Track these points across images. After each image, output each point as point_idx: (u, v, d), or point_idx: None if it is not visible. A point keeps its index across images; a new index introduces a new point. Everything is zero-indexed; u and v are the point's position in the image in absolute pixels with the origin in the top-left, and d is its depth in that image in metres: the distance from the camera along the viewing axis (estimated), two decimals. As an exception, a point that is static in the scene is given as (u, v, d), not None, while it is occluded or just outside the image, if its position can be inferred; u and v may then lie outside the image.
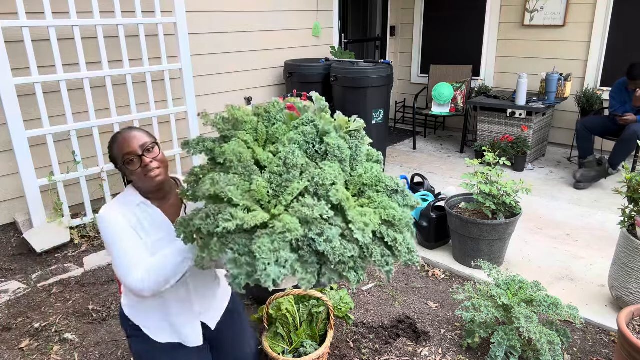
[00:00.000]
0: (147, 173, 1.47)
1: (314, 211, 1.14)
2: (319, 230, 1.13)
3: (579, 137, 4.53)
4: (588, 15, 5.01)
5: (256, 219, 1.12)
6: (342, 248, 1.14)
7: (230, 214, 1.13)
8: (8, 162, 3.35)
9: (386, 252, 1.22)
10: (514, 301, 2.22)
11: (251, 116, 1.45)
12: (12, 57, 3.05)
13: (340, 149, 1.31)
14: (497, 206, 2.91)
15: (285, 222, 1.11)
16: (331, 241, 1.13)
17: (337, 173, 1.24)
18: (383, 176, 1.34)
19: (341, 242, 1.15)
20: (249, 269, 1.09)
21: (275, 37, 4.93)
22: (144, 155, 1.47)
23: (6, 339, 2.48)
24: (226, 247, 1.12)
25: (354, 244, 1.16)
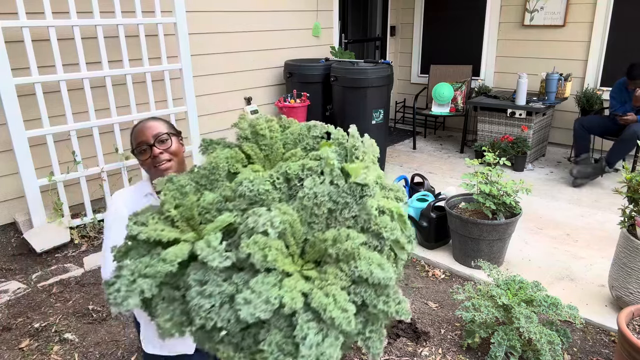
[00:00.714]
0: (156, 164, 1.45)
1: (205, 254, 0.89)
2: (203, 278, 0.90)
3: (576, 136, 4.54)
4: (588, 15, 5.01)
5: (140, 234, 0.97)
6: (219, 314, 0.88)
7: (149, 219, 0.99)
8: (8, 162, 3.35)
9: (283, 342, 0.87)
10: (514, 301, 2.22)
11: (275, 132, 1.17)
12: (12, 57, 3.05)
13: (315, 196, 0.96)
14: (497, 206, 2.91)
15: (177, 249, 0.93)
16: (209, 296, 0.87)
17: (279, 220, 0.92)
18: (362, 255, 0.92)
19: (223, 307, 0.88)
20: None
21: (275, 37, 4.93)
22: (154, 145, 1.45)
23: (6, 339, 2.48)
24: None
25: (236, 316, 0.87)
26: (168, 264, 0.90)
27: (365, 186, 0.99)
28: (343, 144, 1.12)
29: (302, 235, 0.96)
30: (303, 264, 0.96)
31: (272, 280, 0.87)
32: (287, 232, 0.93)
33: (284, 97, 4.76)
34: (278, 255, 0.90)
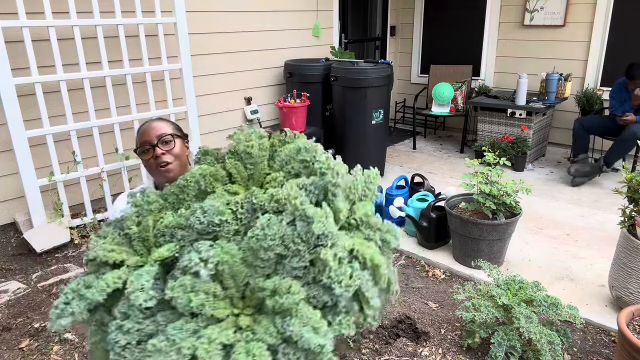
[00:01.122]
0: (158, 165, 1.44)
1: (132, 289, 0.86)
2: (126, 311, 0.87)
3: (575, 136, 4.54)
4: (588, 15, 5.01)
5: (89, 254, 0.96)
6: (132, 354, 0.85)
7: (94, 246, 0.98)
8: (8, 162, 3.35)
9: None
10: (514, 301, 2.22)
11: (263, 150, 1.09)
12: (12, 57, 3.05)
13: (265, 238, 0.87)
14: (497, 206, 2.91)
15: (116, 275, 0.90)
16: (127, 332, 0.86)
17: (216, 260, 0.86)
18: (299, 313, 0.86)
19: (138, 347, 0.85)
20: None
21: (275, 37, 4.93)
22: (157, 145, 1.44)
23: (6, 339, 2.48)
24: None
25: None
26: (97, 294, 0.86)
27: (323, 235, 0.87)
28: (324, 176, 0.97)
29: (245, 277, 0.88)
30: (243, 307, 0.89)
31: (193, 326, 0.82)
32: (224, 274, 0.87)
33: (284, 97, 4.76)
34: (207, 300, 0.84)
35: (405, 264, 3.19)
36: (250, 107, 4.83)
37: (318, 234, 0.86)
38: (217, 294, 0.87)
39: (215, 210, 0.91)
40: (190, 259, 0.85)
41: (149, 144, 1.44)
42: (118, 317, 0.86)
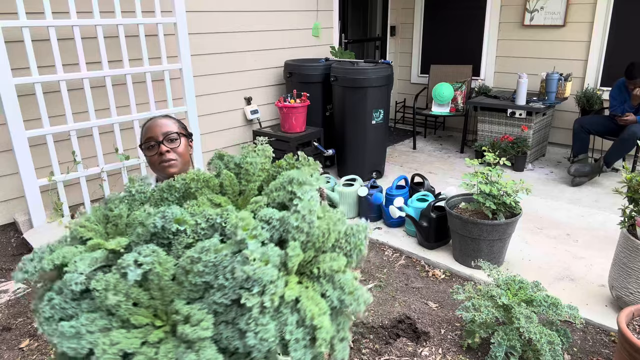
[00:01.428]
0: (162, 161, 1.45)
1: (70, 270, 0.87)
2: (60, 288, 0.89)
3: (575, 136, 4.54)
4: (588, 15, 5.01)
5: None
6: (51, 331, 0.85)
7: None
8: (8, 162, 3.35)
9: None
10: (514, 301, 2.22)
11: (263, 172, 1.08)
12: (12, 57, 3.05)
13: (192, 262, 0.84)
14: (497, 206, 2.91)
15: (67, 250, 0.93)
16: (52, 308, 0.87)
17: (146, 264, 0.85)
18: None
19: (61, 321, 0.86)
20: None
21: (275, 37, 4.93)
22: (162, 142, 1.45)
23: (6, 339, 2.48)
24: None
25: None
26: (46, 263, 0.89)
27: (250, 279, 0.79)
28: (289, 216, 0.90)
29: (172, 294, 0.86)
30: (165, 323, 0.87)
31: (104, 323, 0.83)
32: (152, 284, 0.85)
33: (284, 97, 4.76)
34: (124, 303, 0.83)
35: (405, 264, 3.19)
36: (250, 107, 4.83)
37: (246, 276, 0.79)
38: (139, 300, 0.85)
39: (175, 218, 0.89)
40: (125, 259, 0.84)
41: (154, 140, 1.45)
42: (54, 290, 0.87)
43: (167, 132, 1.47)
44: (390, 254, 3.31)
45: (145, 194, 1.02)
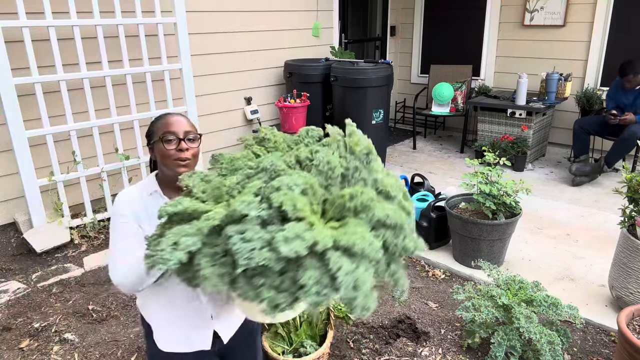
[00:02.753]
0: (178, 158, 1.44)
1: (241, 206, 0.98)
2: (241, 229, 0.97)
3: (575, 137, 4.54)
4: (588, 15, 5.01)
5: (176, 207, 1.07)
6: (256, 253, 0.93)
7: (177, 202, 1.08)
8: (8, 162, 3.35)
9: (326, 281, 0.95)
10: (514, 301, 2.22)
11: (277, 136, 1.33)
12: (12, 57, 3.05)
13: (328, 163, 1.09)
14: (497, 206, 2.91)
15: (210, 213, 1.02)
16: (249, 241, 0.95)
17: (302, 181, 1.01)
18: (377, 206, 1.03)
19: (263, 249, 0.94)
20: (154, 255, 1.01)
21: (275, 37, 4.93)
22: (184, 140, 1.45)
23: (6, 339, 2.48)
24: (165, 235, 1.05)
25: (274, 253, 0.94)
26: (210, 221, 0.99)
27: (370, 153, 1.13)
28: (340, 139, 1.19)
29: (322, 196, 1.05)
30: (325, 221, 1.03)
31: (303, 226, 0.95)
32: (308, 192, 1.02)
33: (284, 97, 4.76)
34: (305, 205, 0.99)
35: (405, 264, 3.18)
36: (250, 107, 4.83)
37: (367, 151, 1.13)
38: (311, 203, 1.02)
39: (278, 159, 1.12)
40: (281, 180, 1.01)
41: (175, 135, 1.44)
42: (235, 235, 0.96)
43: (189, 132, 1.46)
44: (390, 254, 3.31)
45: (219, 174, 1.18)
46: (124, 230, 1.43)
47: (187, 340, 1.55)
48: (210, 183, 1.13)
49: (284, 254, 0.91)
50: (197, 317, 1.53)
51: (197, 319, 1.53)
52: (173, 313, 1.52)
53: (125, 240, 1.42)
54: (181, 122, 1.47)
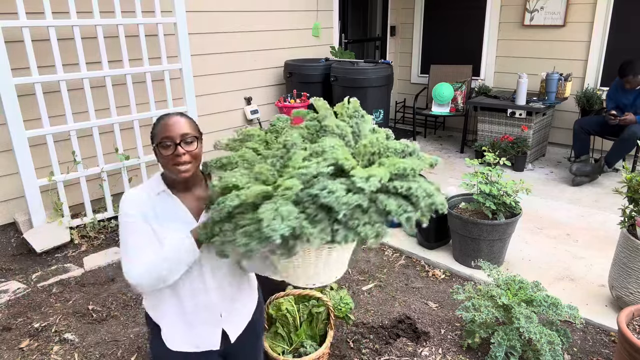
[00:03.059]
0: (177, 163, 1.43)
1: (312, 169, 1.15)
2: (321, 186, 1.13)
3: (575, 137, 4.54)
4: (588, 15, 5.01)
5: (254, 190, 1.17)
6: (348, 198, 1.12)
7: (235, 194, 1.18)
8: (8, 162, 3.35)
9: (403, 202, 1.20)
10: (514, 301, 2.22)
11: (259, 131, 1.53)
12: (12, 57, 3.05)
13: (338, 127, 1.34)
14: (497, 206, 2.91)
15: (285, 184, 1.14)
16: (334, 192, 1.12)
17: (336, 142, 1.25)
18: (391, 143, 1.32)
19: (347, 194, 1.13)
20: (257, 234, 1.11)
21: (275, 37, 4.93)
22: (180, 144, 1.43)
23: (6, 339, 2.48)
24: (237, 224, 1.17)
25: (360, 194, 1.15)
26: (290, 191, 1.14)
27: (358, 110, 1.47)
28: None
29: (346, 150, 1.28)
30: (363, 167, 1.25)
31: (362, 170, 1.20)
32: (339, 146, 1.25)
33: (284, 97, 4.76)
34: (351, 158, 1.23)
35: (405, 264, 3.18)
36: (250, 107, 4.83)
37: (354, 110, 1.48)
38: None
39: (298, 139, 1.34)
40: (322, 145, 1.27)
41: (171, 140, 1.43)
42: (320, 193, 1.13)
43: (185, 134, 1.44)
44: (390, 254, 3.31)
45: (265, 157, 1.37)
46: (132, 228, 1.43)
47: (196, 339, 1.55)
48: (253, 170, 1.27)
49: (367, 189, 1.13)
50: (207, 316, 1.54)
51: (207, 317, 1.54)
52: (183, 312, 1.52)
53: (135, 238, 1.43)
54: (179, 124, 1.45)
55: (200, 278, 1.49)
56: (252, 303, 1.69)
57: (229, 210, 1.17)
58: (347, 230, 1.16)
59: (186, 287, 1.48)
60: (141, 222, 1.43)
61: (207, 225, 1.27)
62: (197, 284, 1.50)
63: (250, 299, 1.68)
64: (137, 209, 1.44)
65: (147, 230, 1.43)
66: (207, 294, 1.52)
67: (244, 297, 1.64)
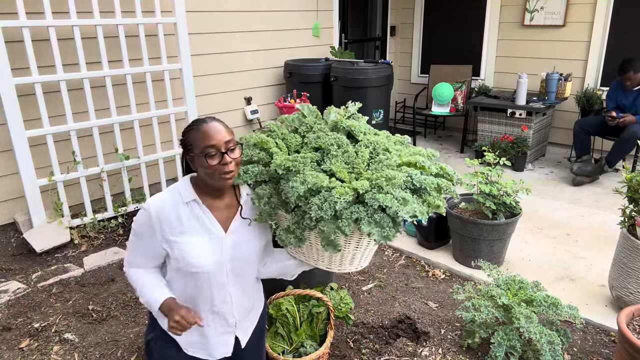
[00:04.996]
0: (223, 173, 1.37)
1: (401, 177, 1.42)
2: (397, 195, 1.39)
3: (576, 138, 4.54)
4: (588, 15, 5.01)
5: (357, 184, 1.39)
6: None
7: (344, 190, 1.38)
8: (8, 162, 3.35)
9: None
10: (514, 301, 2.22)
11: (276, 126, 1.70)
12: (12, 57, 3.05)
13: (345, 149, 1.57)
14: (497, 206, 2.91)
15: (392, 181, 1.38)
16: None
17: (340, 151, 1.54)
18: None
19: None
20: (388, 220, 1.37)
21: (275, 37, 4.93)
22: (226, 153, 1.37)
23: (6, 339, 2.48)
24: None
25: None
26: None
27: (354, 114, 1.80)
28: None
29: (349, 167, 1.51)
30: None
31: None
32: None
33: (284, 97, 4.76)
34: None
35: (405, 264, 3.18)
36: (250, 107, 4.83)
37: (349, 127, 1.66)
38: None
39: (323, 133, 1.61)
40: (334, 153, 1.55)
41: (216, 149, 1.36)
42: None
43: (229, 142, 1.39)
44: (390, 254, 3.31)
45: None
46: (142, 236, 1.44)
47: (212, 350, 1.55)
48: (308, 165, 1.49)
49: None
50: (221, 325, 1.54)
51: (221, 327, 1.54)
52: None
53: (141, 245, 1.45)
54: (220, 131, 1.38)
55: (222, 297, 1.50)
56: (260, 308, 1.70)
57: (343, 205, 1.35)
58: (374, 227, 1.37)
59: (200, 298, 1.48)
60: (153, 231, 1.41)
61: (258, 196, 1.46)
62: (218, 301, 1.50)
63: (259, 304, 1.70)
64: (156, 216, 1.40)
65: (153, 241, 1.43)
66: (224, 305, 1.52)
67: (255, 303, 1.66)
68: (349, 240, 1.47)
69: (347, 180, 1.44)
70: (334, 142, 1.53)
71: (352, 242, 1.48)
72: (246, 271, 1.53)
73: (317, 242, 1.47)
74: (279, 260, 1.64)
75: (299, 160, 1.46)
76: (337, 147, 1.53)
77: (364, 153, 1.52)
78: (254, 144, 1.57)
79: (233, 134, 1.44)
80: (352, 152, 1.52)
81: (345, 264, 1.54)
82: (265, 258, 1.63)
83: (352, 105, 1.81)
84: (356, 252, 1.53)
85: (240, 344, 1.60)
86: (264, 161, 1.53)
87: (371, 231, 1.34)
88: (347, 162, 1.50)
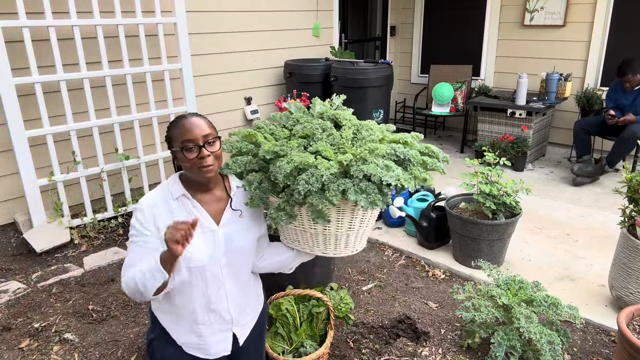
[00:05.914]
0: (202, 166, 1.41)
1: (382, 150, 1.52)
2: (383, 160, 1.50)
3: (576, 138, 4.54)
4: (588, 15, 5.01)
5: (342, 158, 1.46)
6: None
7: (328, 166, 1.44)
8: (8, 162, 3.35)
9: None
10: (514, 301, 2.22)
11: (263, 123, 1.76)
12: (12, 57, 3.05)
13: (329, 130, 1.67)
14: (497, 206, 2.91)
15: (377, 152, 1.49)
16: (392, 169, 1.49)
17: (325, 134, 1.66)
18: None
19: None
20: (373, 188, 1.42)
21: (275, 37, 4.93)
22: (204, 146, 1.41)
23: (6, 339, 2.48)
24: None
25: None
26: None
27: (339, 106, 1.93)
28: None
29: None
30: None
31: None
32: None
33: (284, 97, 4.76)
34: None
35: (405, 264, 3.18)
36: (250, 107, 4.83)
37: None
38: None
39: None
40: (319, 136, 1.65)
41: (194, 143, 1.40)
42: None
43: (208, 135, 1.42)
44: (390, 254, 3.31)
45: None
46: (133, 243, 1.44)
47: (209, 348, 1.56)
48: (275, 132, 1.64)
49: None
50: (218, 323, 1.54)
51: (217, 324, 1.54)
52: (196, 322, 1.53)
53: (132, 254, 1.43)
54: (198, 125, 1.42)
55: (216, 292, 1.50)
56: (259, 305, 1.70)
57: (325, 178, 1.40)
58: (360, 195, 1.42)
59: (194, 300, 1.48)
60: (149, 230, 1.43)
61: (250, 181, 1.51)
62: (213, 297, 1.51)
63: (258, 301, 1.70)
64: (151, 215, 1.43)
65: (145, 246, 1.43)
66: (220, 300, 1.52)
67: (252, 299, 1.66)
68: (340, 220, 1.50)
69: (333, 159, 1.48)
70: (319, 126, 1.61)
71: (344, 222, 1.50)
72: (240, 265, 1.54)
73: (310, 225, 1.51)
74: (276, 254, 1.66)
75: (286, 145, 1.52)
76: (322, 131, 1.60)
77: (347, 133, 1.60)
78: (243, 137, 1.64)
79: (214, 128, 1.48)
80: (337, 135, 1.60)
81: (340, 247, 1.57)
82: (261, 252, 1.65)
83: (336, 97, 1.96)
84: (350, 233, 1.55)
85: (238, 342, 1.60)
86: (253, 152, 1.59)
87: (357, 198, 1.38)
88: (333, 143, 1.56)
